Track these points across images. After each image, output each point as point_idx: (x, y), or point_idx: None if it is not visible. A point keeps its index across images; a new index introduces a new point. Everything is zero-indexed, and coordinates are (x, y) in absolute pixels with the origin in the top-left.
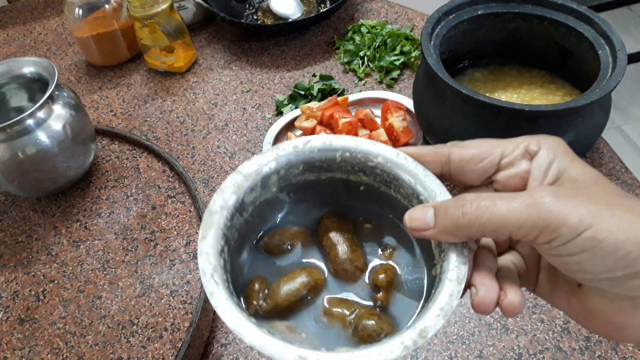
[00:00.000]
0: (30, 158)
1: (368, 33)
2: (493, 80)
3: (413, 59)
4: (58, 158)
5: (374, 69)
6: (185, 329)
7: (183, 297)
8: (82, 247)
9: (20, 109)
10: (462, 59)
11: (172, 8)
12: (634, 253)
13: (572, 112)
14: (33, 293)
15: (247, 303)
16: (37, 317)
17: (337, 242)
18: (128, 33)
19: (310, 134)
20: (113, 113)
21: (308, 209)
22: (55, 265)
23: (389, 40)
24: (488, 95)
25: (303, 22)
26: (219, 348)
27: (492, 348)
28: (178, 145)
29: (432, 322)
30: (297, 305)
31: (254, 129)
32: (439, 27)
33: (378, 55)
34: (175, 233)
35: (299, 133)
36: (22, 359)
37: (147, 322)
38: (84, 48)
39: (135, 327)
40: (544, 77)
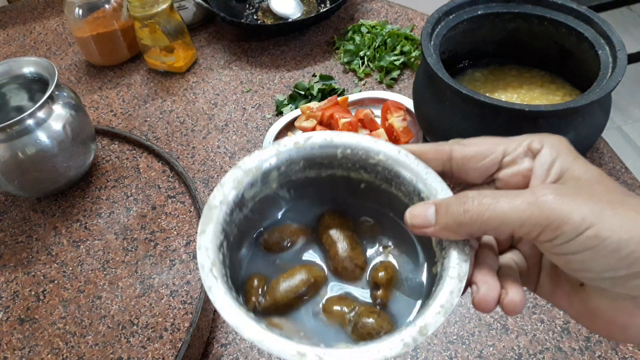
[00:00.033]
0: (30, 158)
1: (368, 33)
2: (493, 80)
3: (413, 59)
4: (58, 158)
5: (374, 69)
6: (185, 329)
7: (183, 297)
8: (82, 247)
9: (20, 109)
10: (462, 59)
11: (172, 8)
12: (637, 252)
13: (572, 112)
14: (33, 293)
15: (245, 299)
16: (37, 317)
17: (337, 239)
18: (128, 33)
19: None
20: (113, 113)
21: (308, 206)
22: (55, 265)
23: (389, 40)
24: (488, 95)
25: (303, 22)
26: (219, 348)
27: (492, 348)
28: (178, 145)
29: (432, 319)
30: (296, 302)
31: (254, 129)
32: (439, 27)
33: (378, 55)
34: (175, 233)
35: (299, 133)
36: (22, 359)
37: (147, 322)
38: (84, 48)
39: (135, 327)
40: (544, 77)
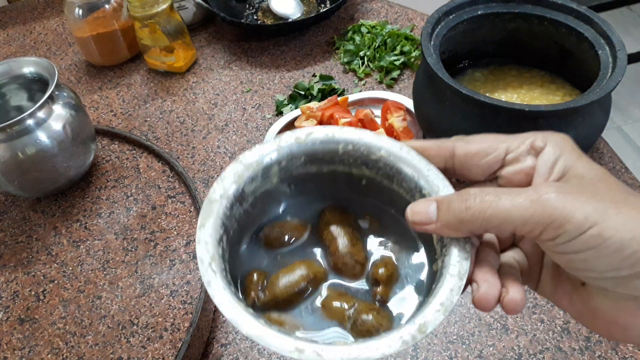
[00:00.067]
0: (30, 158)
1: (368, 33)
2: (493, 80)
3: (413, 59)
4: (58, 158)
5: (374, 69)
6: (185, 329)
7: (183, 297)
8: (82, 247)
9: (20, 109)
10: (462, 59)
11: (172, 8)
12: None
13: (572, 112)
14: (33, 293)
15: (245, 294)
16: (37, 317)
17: (337, 235)
18: (128, 33)
19: None
20: (113, 113)
21: (309, 202)
22: (55, 265)
23: (389, 40)
24: (488, 95)
25: (303, 22)
26: (219, 348)
27: (492, 348)
28: (178, 145)
29: (431, 317)
30: (295, 298)
31: (254, 129)
32: (439, 27)
33: (378, 55)
34: (175, 233)
35: None
36: (22, 359)
37: (147, 322)
38: (84, 48)
39: (135, 327)
40: (544, 77)
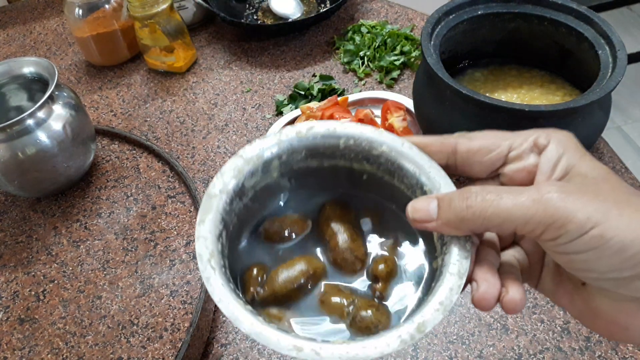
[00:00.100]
0: (30, 158)
1: (368, 33)
2: (493, 80)
3: (413, 59)
4: (58, 158)
5: (374, 69)
6: (185, 329)
7: (183, 297)
8: (82, 247)
9: (20, 109)
10: (462, 59)
11: (172, 8)
12: None
13: (572, 112)
14: (33, 293)
15: (244, 289)
16: (37, 317)
17: (337, 231)
18: (128, 33)
19: None
20: (113, 113)
21: (309, 197)
22: (55, 265)
23: (389, 40)
24: (488, 95)
25: (303, 22)
26: (219, 348)
27: (492, 348)
28: (178, 145)
29: (430, 316)
30: (294, 293)
31: (254, 129)
32: (439, 27)
33: (378, 55)
34: (175, 233)
35: None
36: (22, 359)
37: (147, 322)
38: (84, 48)
39: (135, 327)
40: (544, 77)
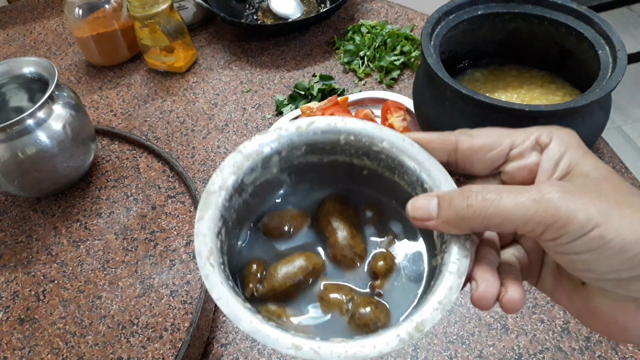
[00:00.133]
0: (30, 158)
1: (368, 33)
2: (493, 80)
3: (413, 59)
4: (58, 158)
5: (374, 69)
6: (185, 329)
7: (183, 297)
8: (82, 247)
9: (20, 109)
10: (462, 59)
11: (172, 8)
12: None
13: (572, 112)
14: (33, 293)
15: (243, 285)
16: (37, 317)
17: (337, 227)
18: (128, 33)
19: None
20: (113, 113)
21: (309, 192)
22: (55, 265)
23: (389, 40)
24: (488, 95)
25: (303, 22)
26: (219, 348)
27: (492, 348)
28: (178, 145)
29: (429, 315)
30: (294, 290)
31: (254, 129)
32: (439, 27)
33: (378, 55)
34: (175, 233)
35: None
36: (22, 359)
37: (147, 322)
38: (84, 48)
39: (135, 327)
40: (544, 77)
